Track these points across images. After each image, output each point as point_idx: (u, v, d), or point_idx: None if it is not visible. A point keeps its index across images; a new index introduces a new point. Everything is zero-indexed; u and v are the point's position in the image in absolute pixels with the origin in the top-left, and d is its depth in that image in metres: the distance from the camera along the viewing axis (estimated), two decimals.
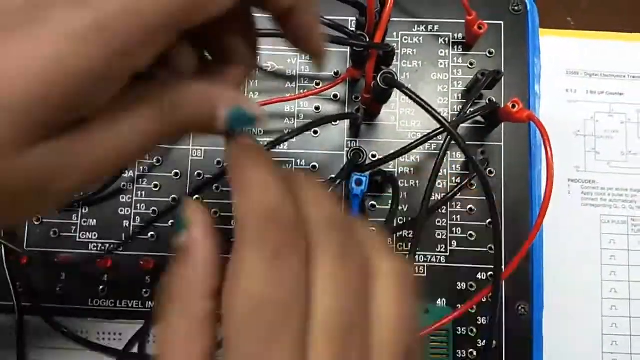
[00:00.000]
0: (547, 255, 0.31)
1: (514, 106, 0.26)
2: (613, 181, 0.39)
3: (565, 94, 0.40)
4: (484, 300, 0.28)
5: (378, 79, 0.25)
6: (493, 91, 0.30)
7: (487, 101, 0.30)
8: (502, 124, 0.30)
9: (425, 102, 0.24)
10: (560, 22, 0.41)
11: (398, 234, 0.29)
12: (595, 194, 0.39)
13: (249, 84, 0.31)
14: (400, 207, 0.30)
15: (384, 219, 0.29)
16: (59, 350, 0.29)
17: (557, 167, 0.25)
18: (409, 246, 0.28)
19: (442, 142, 0.25)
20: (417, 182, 0.30)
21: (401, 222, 0.30)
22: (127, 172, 0.30)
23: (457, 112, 0.29)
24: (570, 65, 0.41)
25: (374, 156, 0.30)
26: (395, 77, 0.25)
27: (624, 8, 0.42)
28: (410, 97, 0.25)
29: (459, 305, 0.28)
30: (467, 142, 0.30)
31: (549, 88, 0.40)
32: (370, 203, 0.30)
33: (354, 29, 0.30)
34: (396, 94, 0.30)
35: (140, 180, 0.30)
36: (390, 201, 0.29)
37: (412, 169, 0.30)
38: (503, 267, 0.29)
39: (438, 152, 0.25)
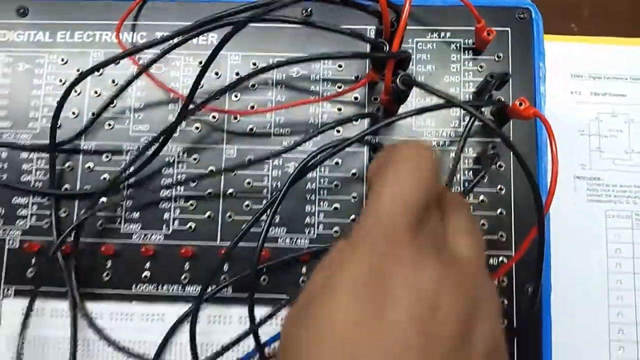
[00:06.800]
0: (555, 249, 0.32)
1: (520, 104, 0.28)
2: (617, 178, 0.40)
3: (571, 95, 0.42)
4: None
5: (397, 81, 0.28)
6: (501, 92, 0.33)
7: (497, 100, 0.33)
8: (511, 121, 0.32)
9: (445, 93, 0.27)
10: (564, 29, 0.44)
11: None
12: (600, 191, 0.40)
13: (279, 89, 0.34)
14: None
15: None
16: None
17: (563, 165, 0.27)
18: None
19: (454, 137, 0.27)
20: None
21: None
22: (168, 170, 0.33)
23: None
24: (574, 68, 0.43)
25: None
26: (413, 78, 0.28)
27: (624, 16, 0.44)
28: (429, 91, 0.27)
29: None
30: (478, 139, 0.33)
31: (555, 90, 0.42)
32: None
33: (373, 36, 0.32)
34: (412, 96, 0.33)
35: (179, 176, 0.33)
36: None
37: None
38: (513, 252, 0.31)
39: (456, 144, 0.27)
